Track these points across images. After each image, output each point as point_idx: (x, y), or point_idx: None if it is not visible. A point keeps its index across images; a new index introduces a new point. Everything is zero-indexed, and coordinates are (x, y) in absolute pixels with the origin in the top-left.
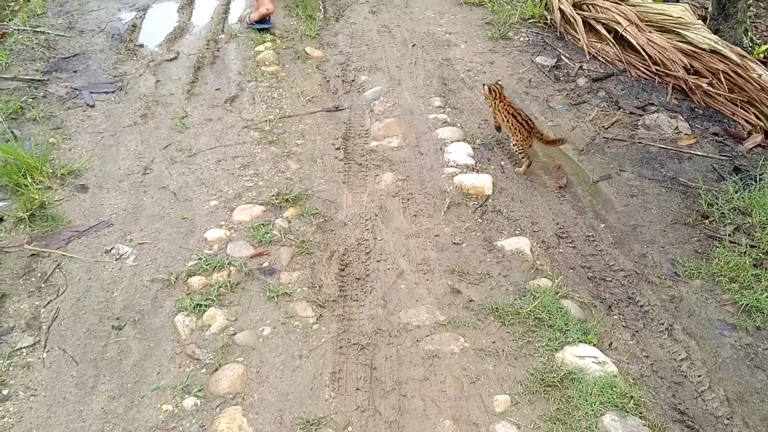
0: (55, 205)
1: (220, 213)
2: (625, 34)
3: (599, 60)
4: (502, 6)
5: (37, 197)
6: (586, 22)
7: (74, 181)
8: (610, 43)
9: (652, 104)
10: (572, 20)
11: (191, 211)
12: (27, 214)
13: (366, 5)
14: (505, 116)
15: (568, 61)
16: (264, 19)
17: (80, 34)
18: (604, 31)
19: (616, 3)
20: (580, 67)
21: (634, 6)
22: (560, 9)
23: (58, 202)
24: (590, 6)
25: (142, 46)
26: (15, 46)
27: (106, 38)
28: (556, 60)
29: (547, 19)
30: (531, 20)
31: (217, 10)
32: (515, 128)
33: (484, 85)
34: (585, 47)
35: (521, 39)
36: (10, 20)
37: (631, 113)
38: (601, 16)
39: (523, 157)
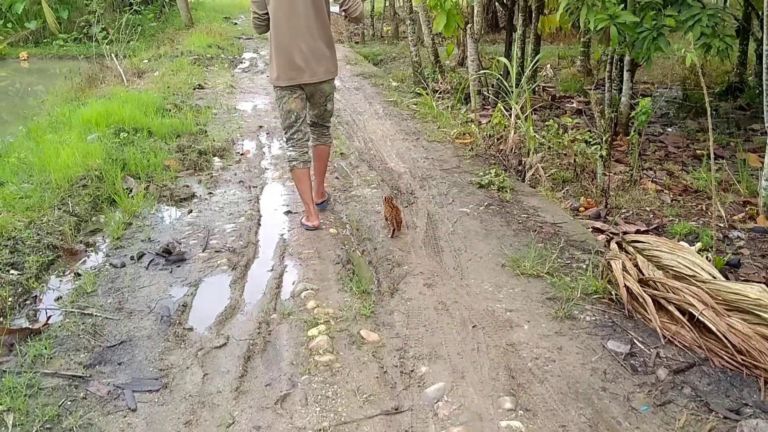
0: None
1: None
2: (701, 318)
3: (676, 345)
4: (561, 278)
5: None
6: (655, 301)
7: None
8: (686, 327)
9: (746, 404)
10: (640, 299)
11: None
12: None
13: (420, 277)
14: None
15: (642, 347)
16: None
17: (128, 316)
18: (677, 313)
19: (685, 279)
20: (657, 354)
21: (705, 283)
22: (626, 286)
23: None
24: (658, 283)
25: (191, 329)
26: (60, 332)
27: (154, 320)
28: (629, 346)
29: (612, 294)
30: (595, 295)
31: (269, 284)
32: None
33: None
34: (659, 330)
35: (587, 318)
36: (58, 299)
37: (725, 418)
38: (671, 296)
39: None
